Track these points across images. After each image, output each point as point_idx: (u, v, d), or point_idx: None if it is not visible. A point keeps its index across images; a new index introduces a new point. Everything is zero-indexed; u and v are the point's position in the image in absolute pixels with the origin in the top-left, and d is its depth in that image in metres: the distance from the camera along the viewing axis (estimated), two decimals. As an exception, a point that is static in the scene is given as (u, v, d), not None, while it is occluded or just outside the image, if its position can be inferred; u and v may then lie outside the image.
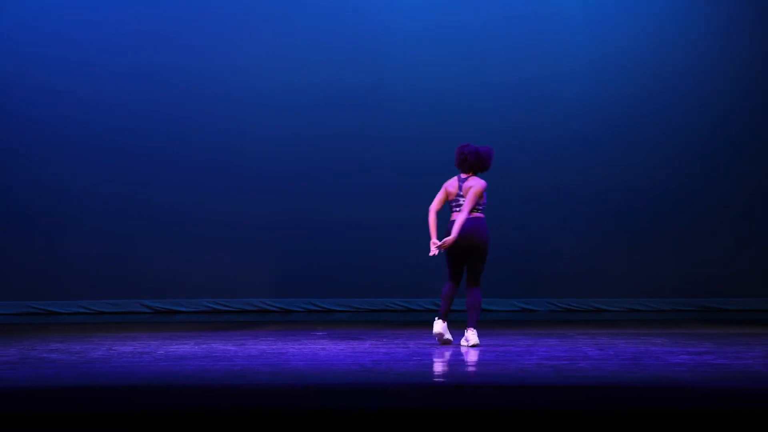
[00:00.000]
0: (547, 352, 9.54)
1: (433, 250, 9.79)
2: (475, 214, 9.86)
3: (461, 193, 9.92)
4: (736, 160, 14.31)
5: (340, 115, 13.98)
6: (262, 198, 13.88)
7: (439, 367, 8.66)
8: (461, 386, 7.34)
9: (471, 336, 9.84)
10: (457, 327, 10.32)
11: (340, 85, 14.00)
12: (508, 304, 14.05)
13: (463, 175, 10.00)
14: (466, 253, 9.87)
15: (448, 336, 9.98)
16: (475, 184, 9.89)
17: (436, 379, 8.05)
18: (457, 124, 13.99)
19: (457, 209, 9.92)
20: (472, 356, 9.22)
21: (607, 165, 14.15)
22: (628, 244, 14.19)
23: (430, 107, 14.04)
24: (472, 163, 9.94)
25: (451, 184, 10.04)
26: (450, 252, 9.87)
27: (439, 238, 9.78)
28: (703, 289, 14.22)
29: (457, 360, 9.00)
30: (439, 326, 9.94)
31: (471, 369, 8.47)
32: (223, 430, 6.25)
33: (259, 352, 9.62)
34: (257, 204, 13.90)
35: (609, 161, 14.17)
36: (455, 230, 9.76)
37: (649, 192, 14.19)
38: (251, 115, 13.93)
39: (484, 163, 9.97)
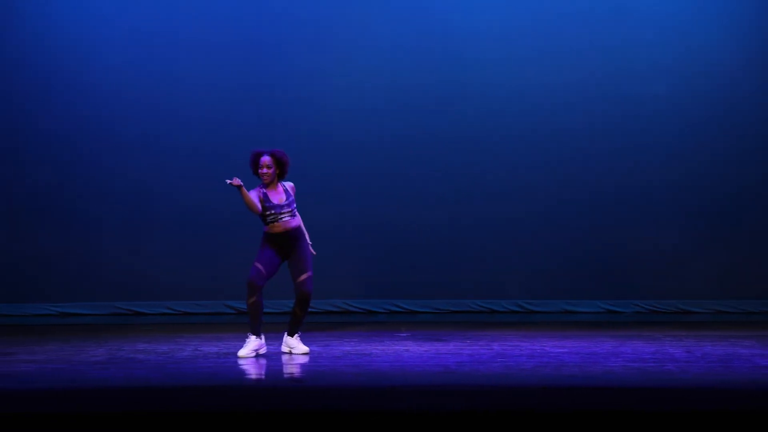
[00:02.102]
0: (632, 354, 9.46)
1: None
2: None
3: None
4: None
5: (418, 116, 13.91)
6: (344, 200, 13.91)
7: (521, 368, 8.61)
8: (545, 388, 7.31)
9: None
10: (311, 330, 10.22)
11: (419, 85, 13.93)
12: (592, 305, 13.94)
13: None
14: None
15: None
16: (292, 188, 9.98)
17: (520, 381, 8.02)
18: (535, 123, 13.90)
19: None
20: (556, 358, 9.17)
21: (694, 164, 13.96)
22: (716, 244, 13.99)
23: (508, 106, 13.94)
24: (281, 173, 9.86)
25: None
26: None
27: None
28: (793, 290, 14.00)
29: (541, 362, 8.95)
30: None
31: (555, 371, 8.42)
32: (307, 430, 6.27)
33: (342, 353, 9.66)
34: (339, 206, 13.93)
35: (695, 160, 13.98)
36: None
37: (739, 191, 13.97)
38: (336, 119, 13.92)
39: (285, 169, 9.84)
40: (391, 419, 6.29)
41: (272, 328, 11.81)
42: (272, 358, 9.34)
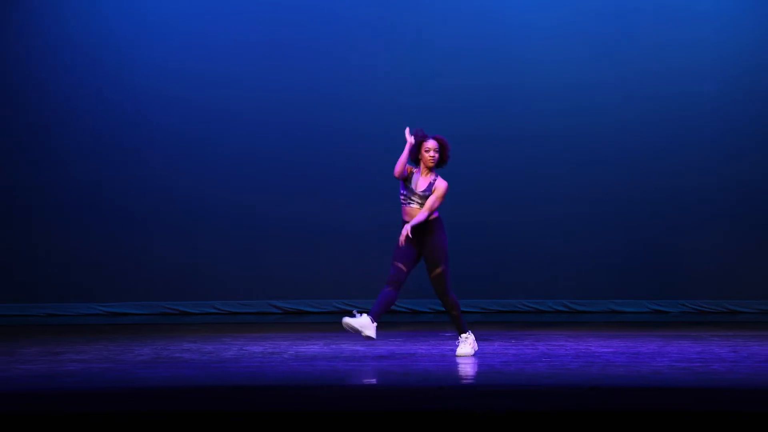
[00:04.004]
0: (679, 354, 9.40)
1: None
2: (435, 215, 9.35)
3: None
4: None
5: (473, 117, 13.91)
6: (391, 200, 13.87)
7: (567, 368, 8.58)
8: (594, 388, 7.27)
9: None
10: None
11: (473, 86, 13.93)
12: (638, 305, 13.87)
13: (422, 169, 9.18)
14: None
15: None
16: (440, 185, 9.25)
17: (566, 381, 7.99)
18: (581, 123, 13.86)
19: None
20: (602, 358, 9.13)
21: (744, 164, 13.86)
22: (764, 244, 13.89)
23: (556, 106, 13.90)
24: (441, 161, 9.18)
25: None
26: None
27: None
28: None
29: (586, 362, 8.91)
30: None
31: (601, 371, 8.39)
32: (352, 430, 6.28)
33: (388, 353, 9.67)
34: (385, 206, 13.91)
35: (746, 161, 13.88)
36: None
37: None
38: (384, 119, 13.94)
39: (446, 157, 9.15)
40: (437, 419, 6.29)
41: (321, 327, 11.84)
42: (319, 358, 9.36)
